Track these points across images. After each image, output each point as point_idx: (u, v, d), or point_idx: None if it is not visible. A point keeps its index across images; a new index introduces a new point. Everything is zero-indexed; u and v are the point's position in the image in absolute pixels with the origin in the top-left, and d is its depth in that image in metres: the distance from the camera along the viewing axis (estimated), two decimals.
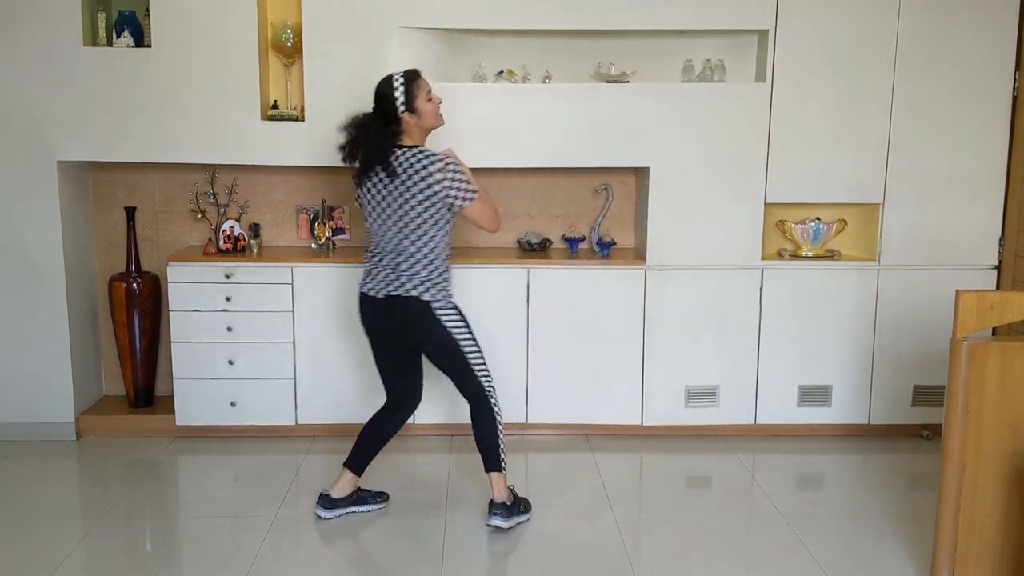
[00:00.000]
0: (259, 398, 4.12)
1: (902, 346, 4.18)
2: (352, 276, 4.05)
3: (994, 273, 4.15)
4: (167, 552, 3.16)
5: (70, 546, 3.13)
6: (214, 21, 3.91)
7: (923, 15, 3.96)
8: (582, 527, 3.33)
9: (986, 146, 4.06)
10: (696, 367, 4.16)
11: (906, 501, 3.57)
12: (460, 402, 4.14)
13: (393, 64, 3.96)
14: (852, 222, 4.25)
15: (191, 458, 3.99)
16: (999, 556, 2.73)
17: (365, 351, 4.08)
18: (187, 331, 4.05)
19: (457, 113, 4.00)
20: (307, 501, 3.52)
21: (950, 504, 2.70)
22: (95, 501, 3.54)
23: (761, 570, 3.04)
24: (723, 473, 3.86)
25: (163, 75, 3.94)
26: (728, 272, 4.11)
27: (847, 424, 4.25)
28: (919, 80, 4.00)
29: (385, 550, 3.14)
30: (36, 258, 4.04)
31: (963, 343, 2.64)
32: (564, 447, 4.09)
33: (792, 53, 3.97)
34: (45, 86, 3.93)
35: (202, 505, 3.51)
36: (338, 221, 4.41)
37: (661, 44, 4.21)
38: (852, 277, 4.14)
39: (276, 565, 3.02)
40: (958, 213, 4.11)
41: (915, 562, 3.06)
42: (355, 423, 4.14)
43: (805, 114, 4.02)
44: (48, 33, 3.89)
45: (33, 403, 4.12)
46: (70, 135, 3.98)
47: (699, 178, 4.05)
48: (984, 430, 2.67)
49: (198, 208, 4.32)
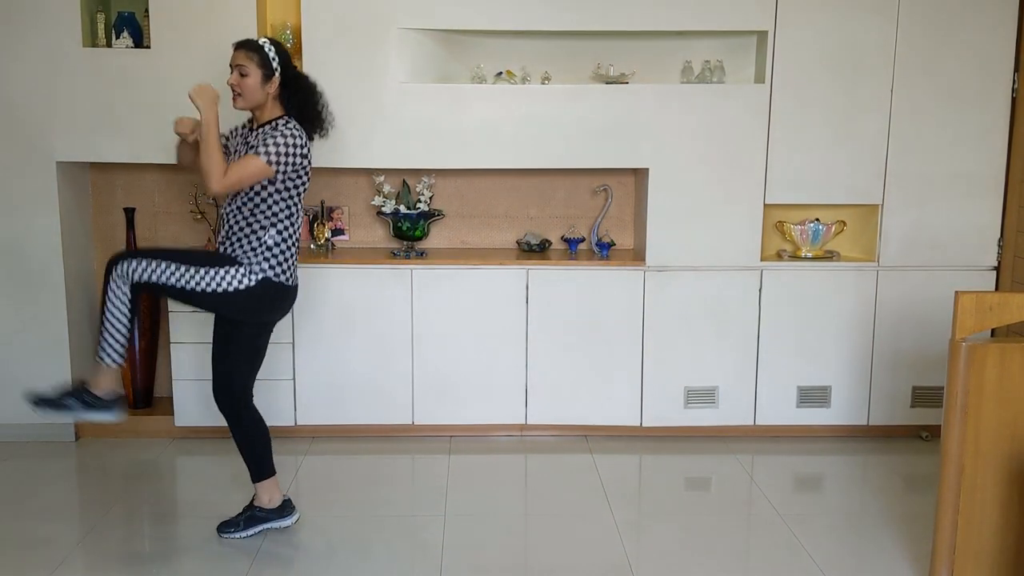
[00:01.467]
0: (258, 399, 4.07)
1: (901, 347, 4.18)
2: (351, 276, 4.06)
3: (993, 274, 4.16)
4: (165, 553, 3.16)
5: (69, 547, 3.13)
6: (213, 22, 3.91)
7: (922, 17, 3.96)
8: (581, 528, 3.33)
9: (985, 147, 4.06)
10: (695, 368, 4.16)
11: (905, 502, 3.57)
12: (461, 403, 4.16)
13: (392, 65, 3.98)
14: (851, 223, 4.25)
15: (190, 459, 3.99)
16: (998, 557, 2.73)
17: (363, 351, 4.10)
18: (186, 332, 4.05)
19: (456, 114, 4.02)
20: (306, 501, 3.52)
21: (949, 505, 2.71)
22: (94, 502, 3.54)
23: (759, 571, 3.04)
24: (722, 474, 3.87)
25: (162, 76, 3.94)
26: (727, 273, 4.11)
27: (846, 425, 4.25)
28: (918, 81, 4.01)
29: (383, 550, 3.14)
30: (35, 259, 4.04)
31: (962, 344, 2.64)
32: (563, 448, 4.09)
33: (791, 54, 3.97)
34: (44, 87, 3.93)
35: (201, 506, 3.51)
36: (337, 222, 4.41)
37: (660, 45, 4.22)
38: (851, 278, 4.14)
39: (275, 566, 3.02)
40: (957, 214, 4.11)
41: (914, 563, 3.06)
42: (354, 424, 4.16)
43: (804, 115, 4.02)
44: (47, 34, 3.89)
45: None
46: (69, 136, 3.98)
47: (698, 179, 4.05)
48: (983, 431, 2.67)
49: (197, 209, 4.31)
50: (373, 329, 4.08)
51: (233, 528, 3.21)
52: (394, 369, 4.10)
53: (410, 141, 4.02)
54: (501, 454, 4.04)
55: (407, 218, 4.17)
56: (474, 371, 4.12)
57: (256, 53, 3.08)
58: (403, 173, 4.30)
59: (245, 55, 3.08)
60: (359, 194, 4.41)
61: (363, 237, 4.45)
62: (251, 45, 3.10)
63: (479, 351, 4.11)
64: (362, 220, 4.43)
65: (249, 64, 3.07)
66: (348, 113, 3.98)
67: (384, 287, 4.06)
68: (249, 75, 3.07)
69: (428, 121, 4.00)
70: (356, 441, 4.14)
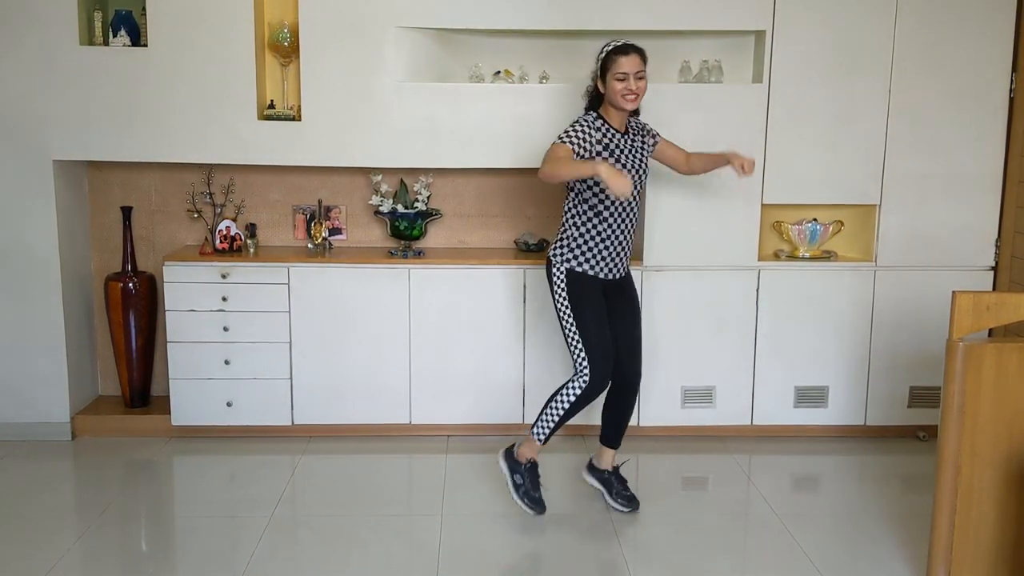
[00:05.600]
0: (255, 398, 4.12)
1: (898, 347, 4.18)
2: (348, 276, 4.05)
3: (990, 274, 4.16)
4: (163, 552, 3.16)
5: (65, 546, 3.12)
6: (211, 21, 3.91)
7: (920, 17, 3.96)
8: (579, 528, 3.33)
9: (983, 148, 4.06)
10: (693, 368, 4.16)
11: (902, 502, 3.57)
12: (460, 403, 4.15)
13: (390, 64, 3.97)
14: (849, 223, 4.25)
15: (187, 458, 3.98)
16: (995, 557, 2.73)
17: (360, 350, 4.10)
18: (183, 331, 4.05)
19: (454, 113, 4.01)
20: (303, 501, 3.52)
21: (946, 505, 2.71)
22: (90, 501, 3.53)
23: (757, 571, 3.04)
24: (719, 474, 3.87)
25: (159, 75, 3.93)
26: (725, 273, 4.11)
27: (843, 425, 4.25)
28: (916, 82, 4.01)
29: (381, 550, 3.14)
30: (32, 258, 4.04)
31: (959, 344, 2.64)
32: (561, 448, 4.09)
33: (789, 54, 3.97)
34: (41, 85, 3.93)
35: (198, 505, 3.50)
36: (334, 221, 4.41)
37: (658, 45, 4.20)
38: (848, 278, 4.14)
39: (272, 565, 3.02)
40: (954, 214, 4.11)
41: (911, 563, 3.06)
42: (351, 423, 4.15)
43: (802, 115, 4.02)
44: (44, 32, 3.89)
45: (29, 403, 4.11)
46: (66, 134, 3.97)
47: (695, 179, 4.04)
48: (980, 431, 2.67)
49: (194, 208, 4.31)
50: (370, 328, 4.07)
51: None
52: (391, 368, 4.10)
53: (408, 140, 4.02)
54: (498, 454, 4.04)
55: (405, 217, 4.17)
56: (471, 370, 4.12)
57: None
58: (401, 172, 4.30)
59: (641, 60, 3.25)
60: (356, 193, 4.40)
61: (360, 236, 4.44)
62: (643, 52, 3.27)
63: (476, 350, 4.10)
64: (359, 219, 4.43)
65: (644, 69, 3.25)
66: (346, 112, 3.99)
67: (381, 286, 4.06)
68: (644, 78, 3.25)
69: (426, 120, 4.00)
70: (353, 440, 4.14)
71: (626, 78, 3.19)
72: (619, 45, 3.23)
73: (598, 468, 3.51)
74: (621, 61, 3.19)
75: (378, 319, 4.07)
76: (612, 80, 3.21)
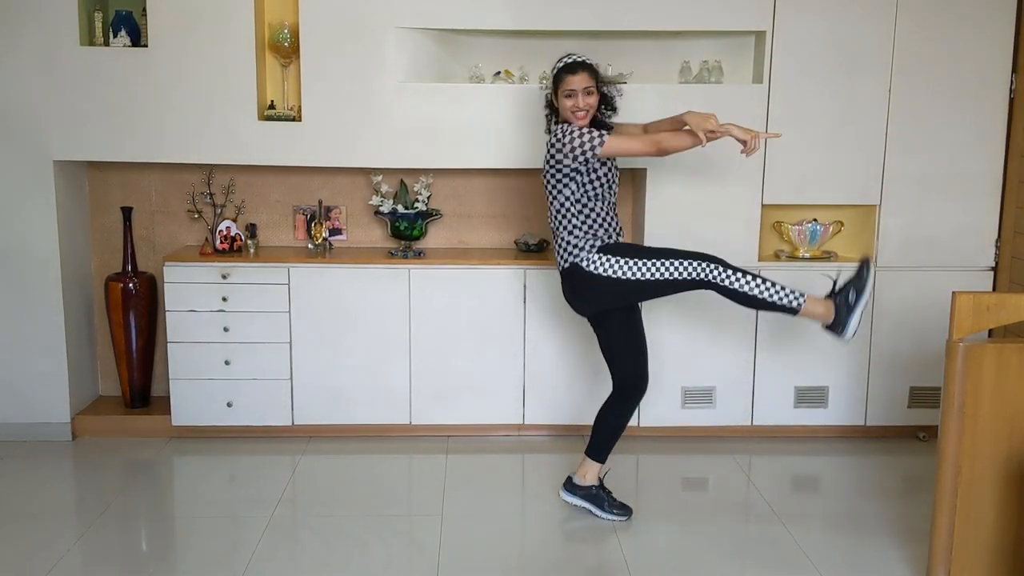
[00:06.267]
0: (255, 398, 4.12)
1: (898, 348, 4.18)
2: (349, 276, 4.05)
3: (990, 275, 4.16)
4: (163, 552, 3.16)
5: (65, 547, 3.12)
6: (211, 21, 3.91)
7: (920, 17, 3.96)
8: (578, 527, 3.33)
9: (983, 148, 4.06)
10: (692, 368, 4.16)
11: (902, 502, 3.57)
12: (460, 403, 4.15)
13: (390, 64, 3.97)
14: (849, 223, 4.25)
15: (187, 458, 3.98)
16: (995, 558, 2.73)
17: (361, 351, 4.10)
18: (183, 331, 4.05)
19: (454, 114, 4.01)
20: (303, 501, 3.52)
21: (946, 506, 2.71)
22: (91, 501, 3.53)
23: (756, 571, 3.04)
24: (719, 474, 3.87)
25: (160, 75, 3.93)
26: None
27: (843, 425, 4.25)
28: (916, 82, 4.01)
29: (381, 551, 3.14)
30: (32, 258, 4.04)
31: (959, 345, 2.64)
32: (561, 448, 4.09)
33: (789, 54, 3.97)
34: (42, 86, 3.93)
35: (198, 505, 3.51)
36: (335, 222, 4.41)
37: (658, 45, 4.22)
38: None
39: (272, 565, 3.02)
40: (954, 215, 4.11)
41: (911, 564, 3.06)
42: (351, 424, 4.15)
43: (802, 115, 4.02)
44: (45, 32, 3.89)
45: (29, 403, 4.11)
46: (66, 135, 3.97)
47: (696, 179, 4.05)
48: (980, 432, 2.67)
49: (195, 208, 4.31)
50: (370, 329, 4.07)
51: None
52: (391, 369, 4.10)
53: (408, 140, 4.02)
54: (498, 454, 4.04)
55: (405, 218, 4.17)
56: (472, 371, 4.12)
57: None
58: (401, 173, 4.30)
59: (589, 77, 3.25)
60: (357, 194, 4.40)
61: (361, 237, 4.44)
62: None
63: (477, 351, 4.10)
64: (360, 220, 4.43)
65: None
66: (346, 112, 3.99)
67: (382, 287, 4.06)
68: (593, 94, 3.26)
69: (426, 120, 4.00)
70: (353, 441, 4.14)
71: (574, 95, 3.21)
72: (568, 63, 3.24)
73: (581, 485, 3.41)
74: (569, 79, 3.21)
75: (378, 319, 4.07)
76: (562, 97, 3.24)
